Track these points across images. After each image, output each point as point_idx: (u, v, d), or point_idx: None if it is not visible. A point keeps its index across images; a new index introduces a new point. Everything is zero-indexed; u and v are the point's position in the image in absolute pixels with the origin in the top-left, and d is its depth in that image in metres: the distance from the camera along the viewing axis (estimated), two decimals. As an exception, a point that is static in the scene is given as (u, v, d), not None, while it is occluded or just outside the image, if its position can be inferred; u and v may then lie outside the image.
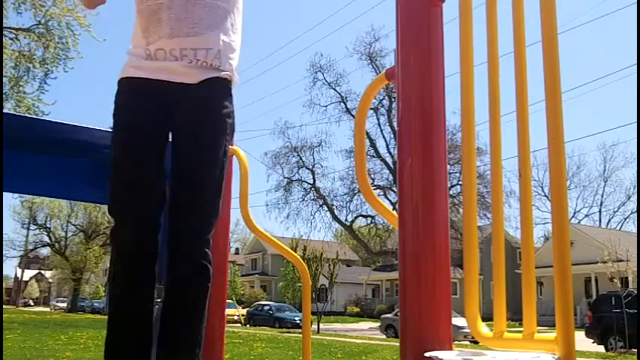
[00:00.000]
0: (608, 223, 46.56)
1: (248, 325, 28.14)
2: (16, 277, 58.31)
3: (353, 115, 28.43)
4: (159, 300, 1.73)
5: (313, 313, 22.41)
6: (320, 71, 32.70)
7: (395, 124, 1.54)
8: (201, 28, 1.75)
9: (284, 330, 24.11)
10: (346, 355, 11.10)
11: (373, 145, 31.85)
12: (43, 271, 66.94)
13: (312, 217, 32.60)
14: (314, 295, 24.03)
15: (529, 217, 1.06)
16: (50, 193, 2.42)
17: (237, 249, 58.22)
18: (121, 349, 1.64)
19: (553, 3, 1.00)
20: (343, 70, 39.60)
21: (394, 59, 1.34)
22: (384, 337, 20.61)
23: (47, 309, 50.03)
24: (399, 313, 1.21)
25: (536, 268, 1.06)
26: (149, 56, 1.77)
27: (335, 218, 32.74)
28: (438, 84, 1.26)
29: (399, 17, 1.31)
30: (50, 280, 65.86)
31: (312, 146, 33.40)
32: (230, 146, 1.84)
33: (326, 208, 32.64)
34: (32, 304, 61.15)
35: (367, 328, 27.90)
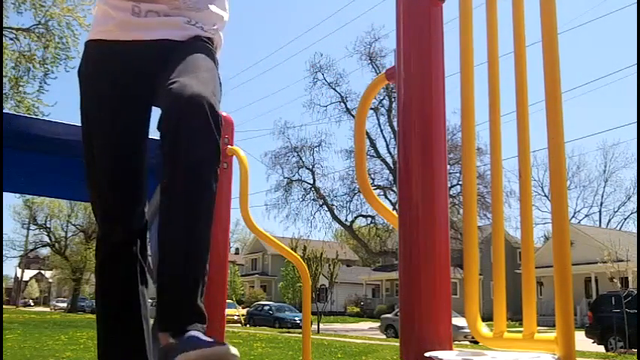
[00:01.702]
0: (608, 223, 46.64)
1: (248, 325, 28.17)
2: (16, 277, 58.34)
3: (353, 115, 28.45)
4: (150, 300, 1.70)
5: (313, 313, 22.42)
6: (320, 71, 32.76)
7: (395, 124, 1.54)
8: (203, 3, 1.62)
9: (284, 330, 24.13)
10: (346, 355, 11.10)
11: (373, 145, 31.88)
12: (43, 271, 66.97)
13: (312, 217, 32.63)
14: (314, 295, 24.05)
15: (529, 217, 1.06)
16: (50, 193, 2.42)
17: (237, 249, 58.25)
18: (119, 356, 1.57)
19: (553, 3, 1.00)
20: (343, 70, 39.76)
21: (394, 59, 1.34)
22: (384, 337, 20.62)
23: (47, 309, 50.06)
24: (399, 313, 1.21)
25: (536, 268, 1.06)
26: (138, 15, 1.56)
27: (335, 218, 32.77)
28: (438, 84, 1.26)
29: (399, 17, 1.31)
30: (50, 280, 65.88)
31: (312, 146, 33.47)
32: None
33: (326, 208, 32.65)
34: (32, 304, 61.19)
35: (367, 328, 27.92)
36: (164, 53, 1.51)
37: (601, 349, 14.74)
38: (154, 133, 1.67)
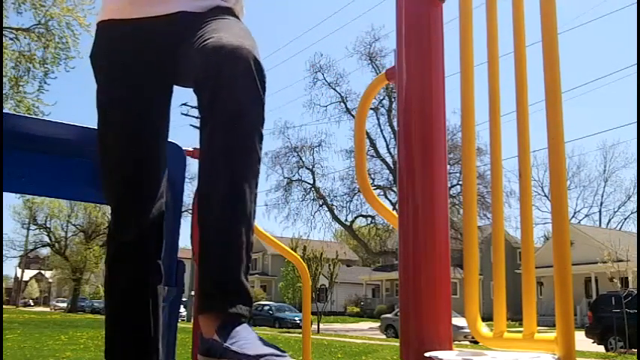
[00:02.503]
0: (608, 223, 46.66)
1: (248, 325, 28.09)
2: (16, 277, 58.39)
3: (353, 115, 28.46)
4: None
5: (313, 313, 22.43)
6: (320, 71, 32.80)
7: (395, 124, 1.54)
8: None
9: (284, 330, 24.14)
10: (346, 355, 11.11)
11: (373, 145, 31.88)
12: (43, 271, 66.98)
13: (312, 217, 32.64)
14: (314, 295, 24.06)
15: (529, 217, 1.06)
16: (50, 193, 2.41)
17: (237, 249, 58.00)
18: (124, 356, 1.52)
19: (553, 3, 1.00)
20: (343, 70, 39.80)
21: (394, 59, 1.34)
22: (384, 337, 20.64)
23: (47, 309, 50.09)
24: (399, 313, 1.21)
25: (536, 268, 1.06)
26: None
27: (335, 218, 32.77)
28: (438, 84, 1.26)
29: (399, 17, 1.31)
30: (50, 280, 65.88)
31: (312, 146, 33.48)
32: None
33: (326, 208, 32.65)
34: (32, 304, 61.22)
35: (367, 328, 27.93)
36: (183, 27, 1.42)
37: (601, 349, 14.74)
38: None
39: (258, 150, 1.25)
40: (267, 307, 30.59)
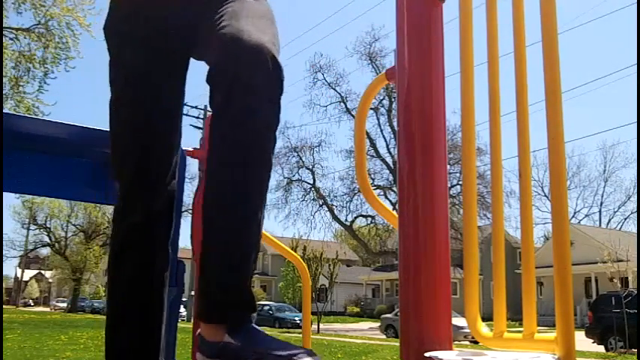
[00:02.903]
0: (608, 223, 46.66)
1: (248, 325, 28.08)
2: (16, 277, 58.40)
3: (353, 115, 28.46)
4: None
5: (313, 313, 22.43)
6: (320, 71, 32.78)
7: (395, 124, 1.54)
8: None
9: (284, 330, 24.13)
10: (346, 355, 11.11)
11: (373, 145, 31.89)
12: (43, 271, 66.99)
13: (312, 217, 32.63)
14: (314, 295, 24.07)
15: (529, 217, 1.06)
16: (50, 193, 2.42)
17: (237, 249, 57.96)
18: (133, 351, 1.43)
19: (553, 3, 1.00)
20: (343, 70, 39.83)
21: (394, 59, 1.34)
22: (384, 337, 20.64)
23: (47, 309, 50.08)
24: (399, 313, 1.21)
25: (536, 268, 1.06)
26: None
27: (335, 218, 32.77)
28: (438, 84, 1.26)
29: (399, 17, 1.31)
30: (50, 280, 65.88)
31: (312, 146, 33.46)
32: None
33: (326, 208, 32.65)
34: (32, 304, 61.21)
35: (367, 328, 27.93)
36: (202, 2, 1.36)
37: (601, 349, 14.74)
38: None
39: (270, 150, 1.24)
40: (267, 307, 30.57)
